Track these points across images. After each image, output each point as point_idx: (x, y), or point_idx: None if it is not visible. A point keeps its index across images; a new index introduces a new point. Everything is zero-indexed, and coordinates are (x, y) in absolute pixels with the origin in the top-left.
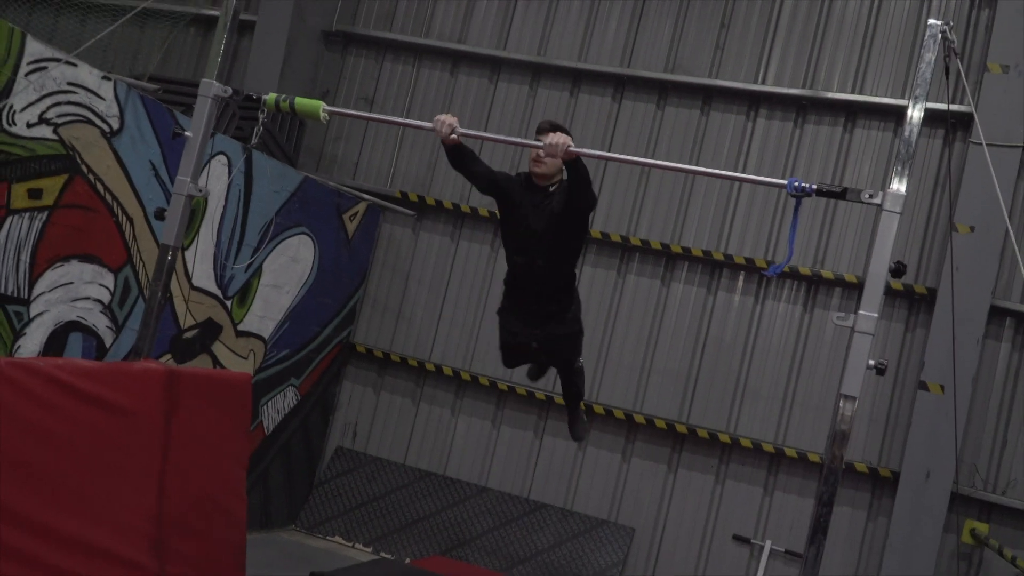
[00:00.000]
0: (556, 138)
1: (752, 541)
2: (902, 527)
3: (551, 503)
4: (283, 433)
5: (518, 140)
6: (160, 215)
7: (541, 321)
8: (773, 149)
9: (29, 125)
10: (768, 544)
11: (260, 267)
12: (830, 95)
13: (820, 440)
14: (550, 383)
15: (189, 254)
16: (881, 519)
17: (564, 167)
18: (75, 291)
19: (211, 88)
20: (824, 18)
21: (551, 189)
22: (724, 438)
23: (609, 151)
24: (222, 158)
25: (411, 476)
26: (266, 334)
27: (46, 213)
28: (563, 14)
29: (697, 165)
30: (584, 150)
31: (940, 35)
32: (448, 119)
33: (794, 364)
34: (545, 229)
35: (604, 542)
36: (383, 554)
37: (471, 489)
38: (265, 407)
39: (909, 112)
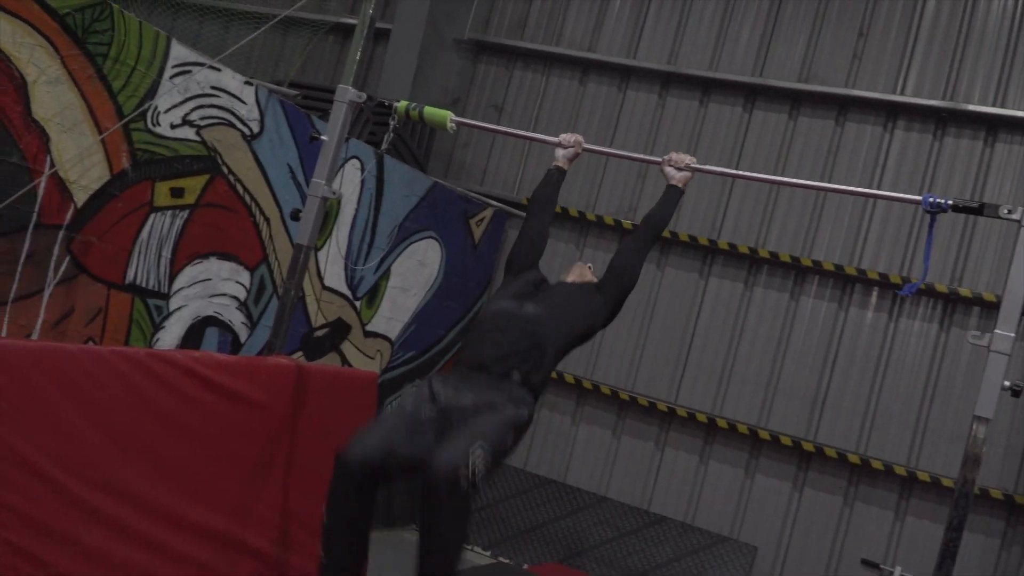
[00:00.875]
0: (679, 157)
1: (881, 567)
2: None
3: (671, 516)
4: None
5: (640, 156)
6: (296, 216)
7: (484, 386)
8: (911, 162)
9: (173, 126)
10: (898, 570)
11: (389, 269)
12: (971, 107)
13: (955, 465)
14: (672, 392)
15: (322, 255)
16: (1015, 548)
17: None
18: (213, 287)
19: (347, 94)
20: (966, 28)
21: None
22: (854, 459)
23: (739, 162)
24: (355, 162)
25: (531, 482)
26: (393, 335)
27: (187, 211)
28: (695, 22)
29: (831, 177)
30: (709, 167)
31: None
32: (574, 137)
33: (928, 384)
34: (559, 294)
35: (725, 559)
36: (501, 559)
37: (590, 498)
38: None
39: None
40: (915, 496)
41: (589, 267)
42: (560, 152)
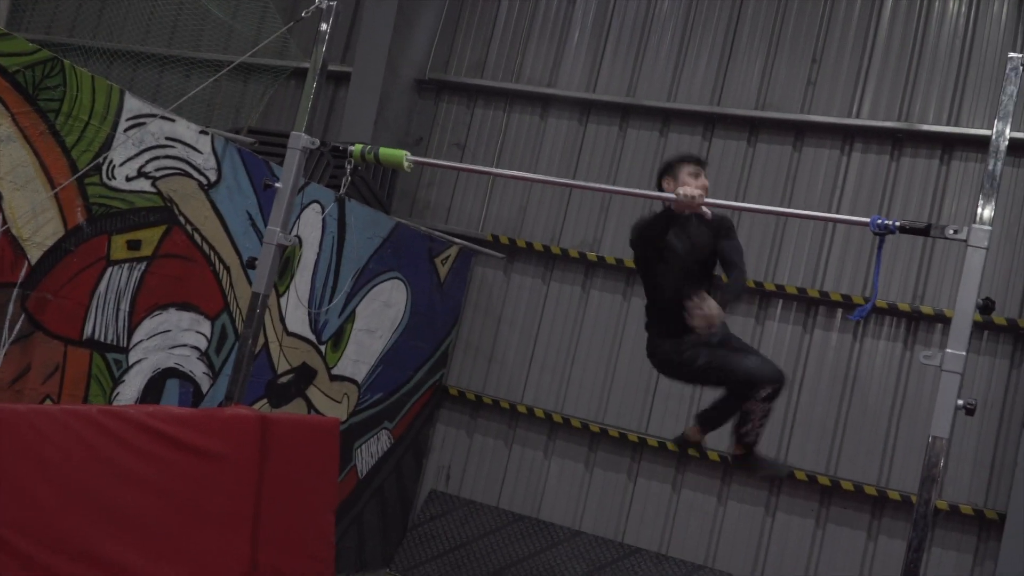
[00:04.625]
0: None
1: None
2: (1010, 570)
3: (646, 547)
4: (377, 476)
5: (644, 192)
6: (252, 264)
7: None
8: (869, 183)
9: (128, 179)
10: None
11: (353, 312)
12: (926, 127)
13: None
14: (643, 422)
15: (284, 300)
16: (988, 562)
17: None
18: (173, 338)
19: (300, 140)
20: (918, 49)
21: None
22: (824, 480)
23: None
24: (316, 206)
25: (504, 519)
26: (360, 378)
27: (145, 263)
28: (652, 55)
29: (791, 201)
30: (664, 195)
31: (1022, 67)
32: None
33: (895, 403)
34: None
35: None
36: None
37: (564, 532)
38: (359, 450)
39: (992, 143)
40: (887, 515)
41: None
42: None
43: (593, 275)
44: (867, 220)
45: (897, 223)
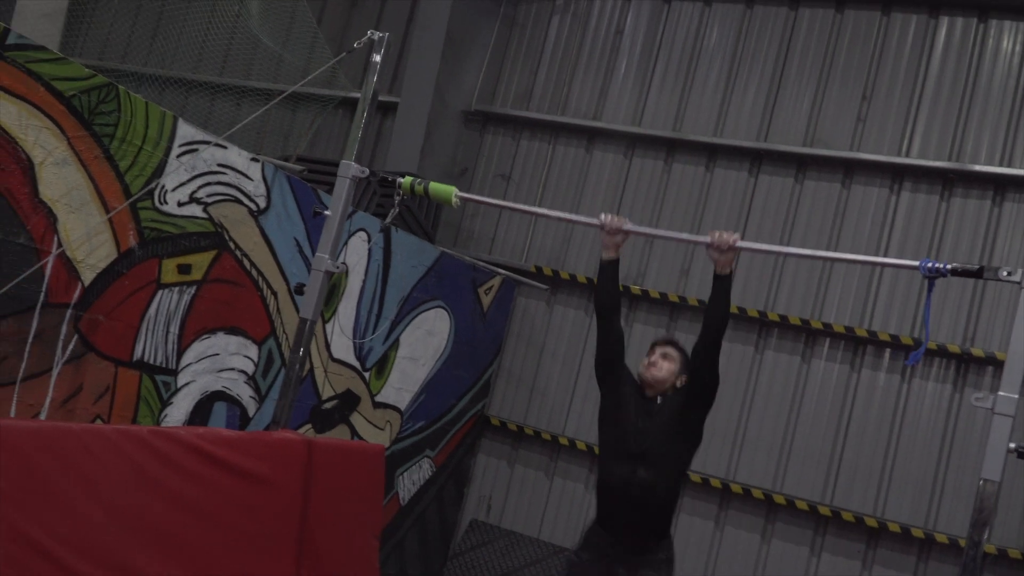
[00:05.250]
0: (723, 239)
1: None
2: None
3: None
4: (418, 504)
5: (686, 236)
6: (300, 290)
7: (632, 552)
8: (918, 223)
9: (180, 204)
10: None
11: (398, 340)
12: (977, 168)
13: None
14: None
15: (330, 326)
16: None
17: (683, 372)
18: (221, 362)
19: (349, 169)
20: (971, 88)
21: (659, 401)
22: (871, 522)
23: (745, 226)
24: (363, 234)
25: (545, 551)
26: (402, 406)
27: (195, 287)
28: (699, 88)
29: (838, 239)
30: (699, 238)
31: None
32: (618, 221)
33: (944, 445)
34: (656, 435)
35: None
36: None
37: None
38: (401, 478)
39: None
40: (933, 558)
41: (664, 362)
42: (609, 240)
43: (636, 308)
44: (917, 264)
45: (948, 266)
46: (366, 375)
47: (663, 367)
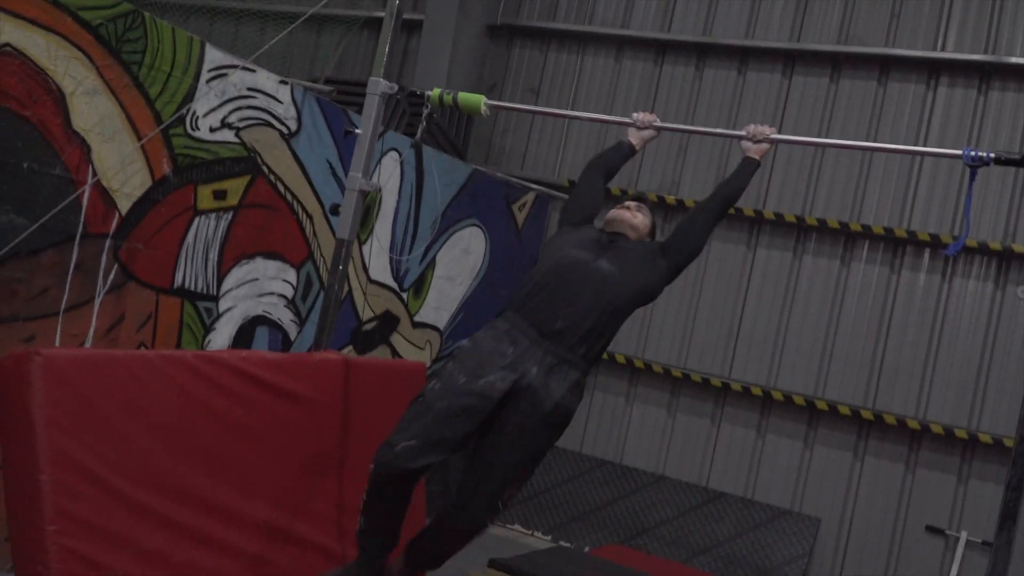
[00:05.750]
0: (759, 129)
1: (947, 532)
2: None
3: (731, 492)
4: None
5: (720, 131)
6: (335, 210)
7: (544, 353)
8: (956, 119)
9: (212, 130)
10: (964, 535)
11: (434, 259)
12: (1014, 60)
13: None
14: (725, 367)
15: (366, 248)
16: None
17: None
18: (260, 287)
19: (378, 86)
20: None
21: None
22: (913, 424)
23: (780, 129)
24: (394, 154)
25: (588, 464)
26: (441, 325)
27: (231, 213)
28: None
29: (875, 139)
30: (786, 137)
31: None
32: (650, 117)
33: (986, 344)
34: (626, 250)
35: (788, 533)
36: (562, 542)
37: (648, 478)
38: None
39: None
40: (977, 459)
41: (639, 212)
42: (636, 133)
43: (671, 218)
44: (959, 152)
45: (991, 155)
46: (404, 295)
47: (638, 216)
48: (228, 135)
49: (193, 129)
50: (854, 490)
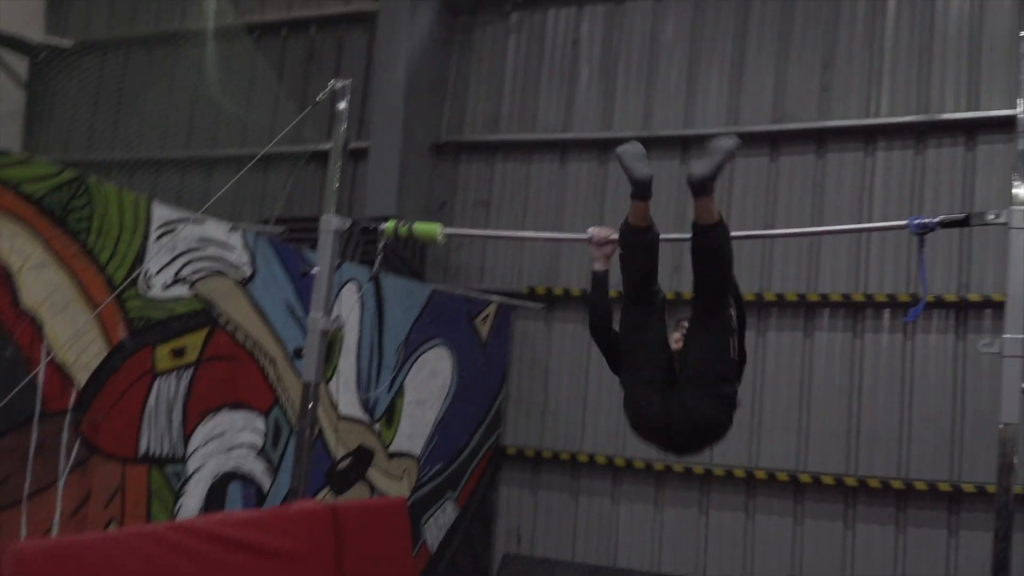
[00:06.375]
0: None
1: None
2: None
3: None
4: (448, 548)
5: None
6: (299, 353)
7: None
8: (897, 179)
9: (165, 287)
10: None
11: (402, 386)
12: (947, 116)
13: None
14: (706, 453)
15: (333, 384)
16: None
17: None
18: (229, 440)
19: (331, 223)
20: (928, 38)
21: None
22: (898, 485)
23: (729, 211)
24: (352, 285)
25: (582, 572)
26: (417, 451)
27: (191, 369)
28: (663, 84)
29: (822, 208)
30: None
31: None
32: (604, 230)
33: (956, 395)
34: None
35: None
36: None
37: None
38: (427, 525)
39: (1020, 122)
40: (964, 509)
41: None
42: (598, 251)
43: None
44: (905, 223)
45: (936, 220)
46: (376, 427)
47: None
48: (182, 290)
49: (147, 289)
50: (850, 558)
